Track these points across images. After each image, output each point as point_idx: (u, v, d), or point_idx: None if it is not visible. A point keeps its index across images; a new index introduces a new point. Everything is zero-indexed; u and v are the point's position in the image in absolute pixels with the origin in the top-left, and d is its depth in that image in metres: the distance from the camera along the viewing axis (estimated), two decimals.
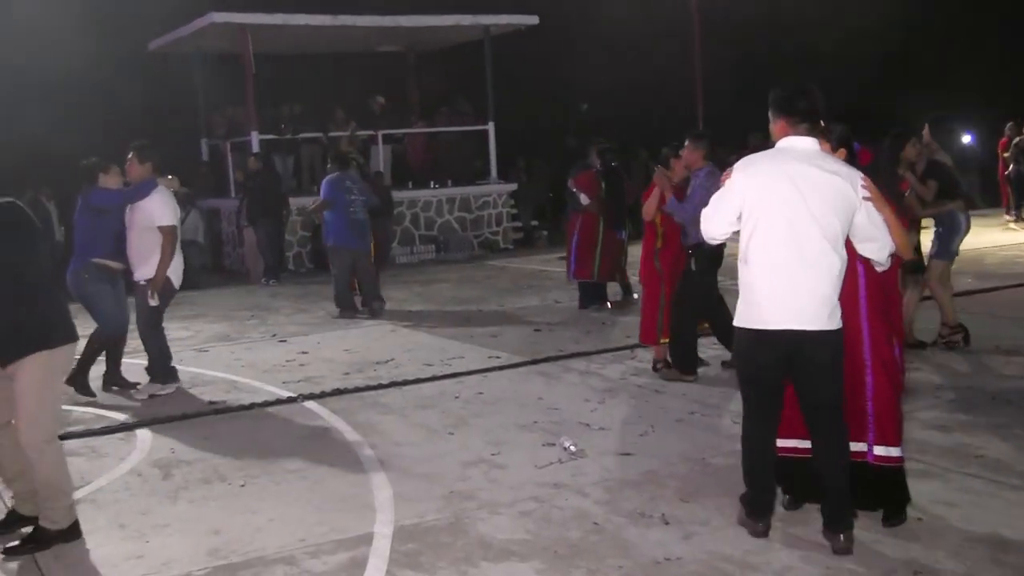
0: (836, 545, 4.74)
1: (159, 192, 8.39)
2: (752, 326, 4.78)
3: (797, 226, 4.65)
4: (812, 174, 4.70)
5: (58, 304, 5.46)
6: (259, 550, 5.09)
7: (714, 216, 4.92)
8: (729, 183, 4.86)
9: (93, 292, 8.48)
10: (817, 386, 4.81)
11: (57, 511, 5.27)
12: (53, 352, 5.25)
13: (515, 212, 20.95)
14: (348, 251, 12.35)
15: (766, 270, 4.71)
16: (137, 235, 8.44)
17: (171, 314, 13.22)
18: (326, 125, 19.20)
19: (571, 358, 9.32)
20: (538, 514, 5.42)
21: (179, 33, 18.92)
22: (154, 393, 8.58)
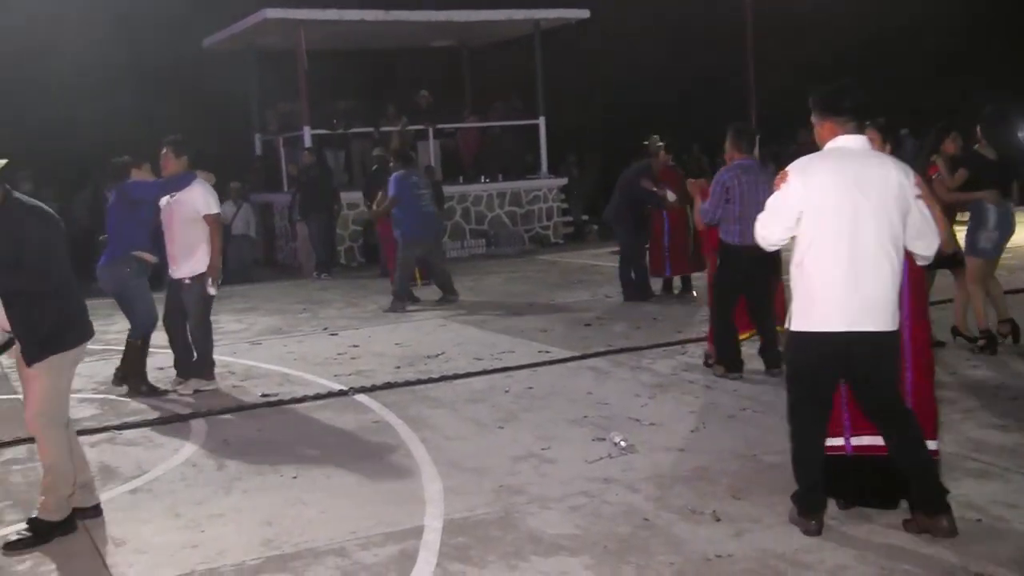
0: (939, 529, 4.69)
1: (199, 183, 8.39)
2: (813, 329, 4.73)
3: (859, 227, 4.61)
4: (870, 173, 4.66)
5: (78, 303, 5.50)
6: (310, 541, 5.13)
7: (771, 221, 4.86)
8: (785, 187, 4.79)
9: (136, 285, 8.46)
10: (880, 386, 4.81)
11: (56, 501, 5.29)
12: (66, 353, 5.34)
13: (566, 207, 20.91)
14: (421, 244, 12.64)
15: (828, 273, 4.66)
16: (180, 229, 8.40)
17: (224, 307, 13.44)
18: (377, 120, 19.29)
19: (621, 353, 9.29)
20: (588, 509, 5.42)
21: (233, 30, 19.09)
22: (199, 388, 8.59)
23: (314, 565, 4.85)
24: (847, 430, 5.11)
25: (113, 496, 5.99)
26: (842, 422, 5.10)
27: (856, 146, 4.77)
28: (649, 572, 4.59)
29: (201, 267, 8.42)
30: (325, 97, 19.52)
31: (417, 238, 12.56)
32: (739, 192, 7.92)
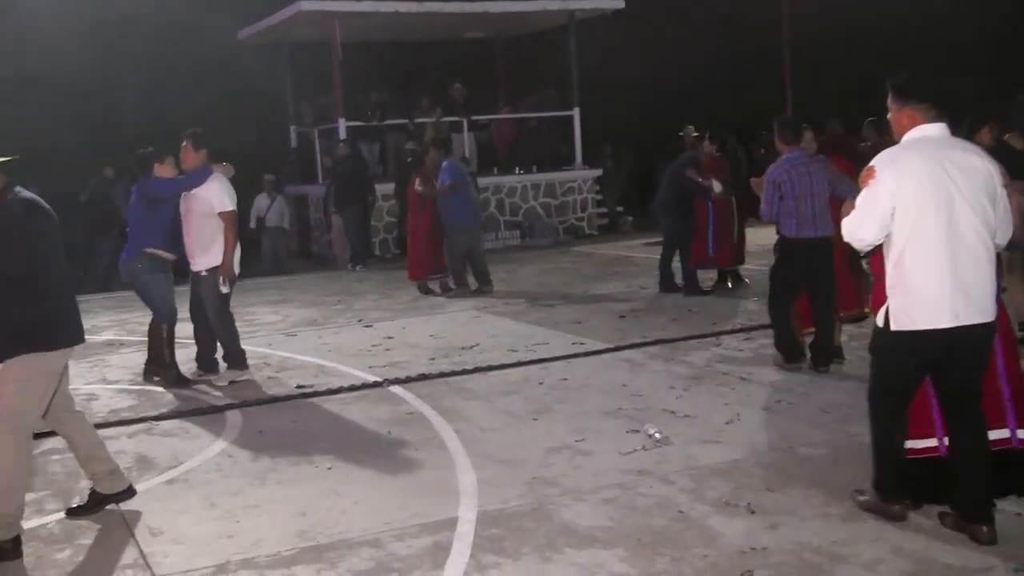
0: (981, 537, 4.62)
1: (216, 179, 8.37)
2: (918, 328, 4.58)
3: (955, 218, 4.50)
4: (962, 162, 4.55)
5: (67, 305, 5.30)
6: (345, 532, 5.15)
7: (865, 220, 4.63)
8: (875, 183, 4.58)
9: (148, 281, 8.48)
10: (969, 375, 4.75)
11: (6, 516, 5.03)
12: (46, 355, 5.13)
13: (600, 198, 20.86)
14: (470, 231, 12.99)
15: (931, 269, 4.52)
16: (196, 223, 8.41)
17: (259, 298, 13.56)
18: (412, 112, 19.33)
19: (656, 344, 9.26)
20: (622, 501, 5.40)
21: (268, 22, 19.17)
22: (233, 379, 8.64)
23: (349, 556, 4.86)
24: (939, 430, 5.00)
25: (150, 487, 6.04)
26: (933, 422, 5.00)
27: (939, 134, 4.64)
28: (683, 565, 4.57)
29: (217, 260, 8.39)
30: (359, 89, 19.58)
31: (467, 226, 12.89)
32: (790, 186, 7.84)
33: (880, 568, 4.44)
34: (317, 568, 4.74)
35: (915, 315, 4.59)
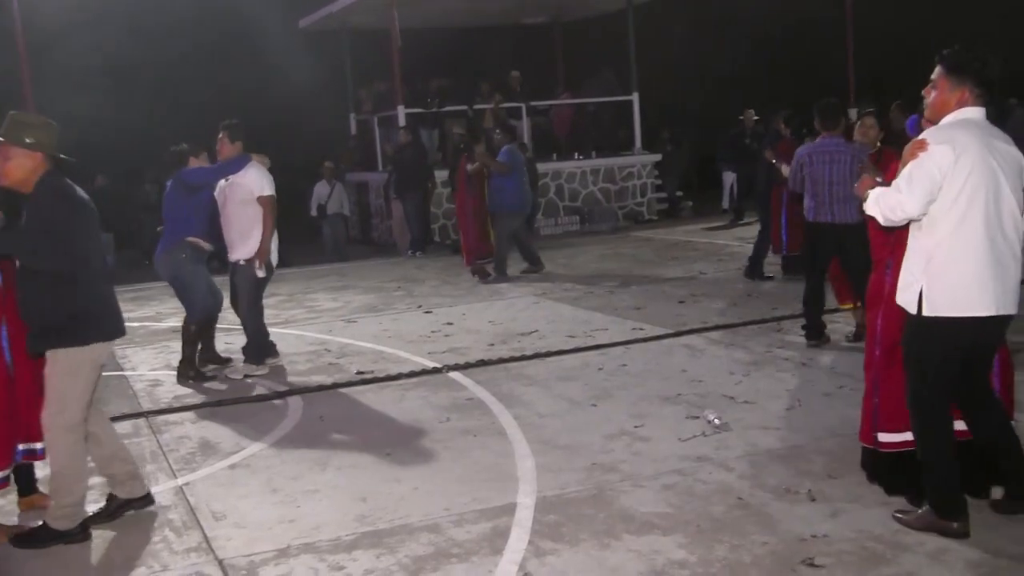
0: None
1: (254, 166, 8.33)
2: (960, 315, 4.41)
3: (1002, 206, 4.38)
4: (1003, 149, 4.43)
5: (106, 298, 5.29)
6: (404, 518, 5.18)
7: (915, 194, 4.37)
8: (928, 156, 4.37)
9: (192, 271, 8.44)
10: (987, 367, 4.72)
11: (62, 509, 5.11)
12: (90, 348, 5.12)
13: (659, 183, 20.73)
14: (520, 216, 13.33)
15: (976, 255, 4.37)
16: (235, 211, 8.36)
17: (320, 285, 13.68)
18: (471, 98, 19.33)
19: (716, 330, 9.19)
20: (681, 487, 5.37)
21: (328, 10, 19.30)
22: (249, 373, 8.57)
23: (408, 541, 4.89)
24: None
25: (213, 471, 6.13)
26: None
27: (982, 118, 4.49)
28: (743, 552, 4.54)
29: (255, 250, 8.34)
30: (418, 76, 19.63)
31: (517, 210, 13.18)
32: (810, 169, 8.06)
33: (946, 558, 4.37)
34: (377, 553, 4.78)
35: (958, 301, 4.40)
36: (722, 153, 19.05)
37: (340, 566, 4.66)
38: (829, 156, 7.99)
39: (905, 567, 4.32)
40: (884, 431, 4.94)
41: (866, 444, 5.12)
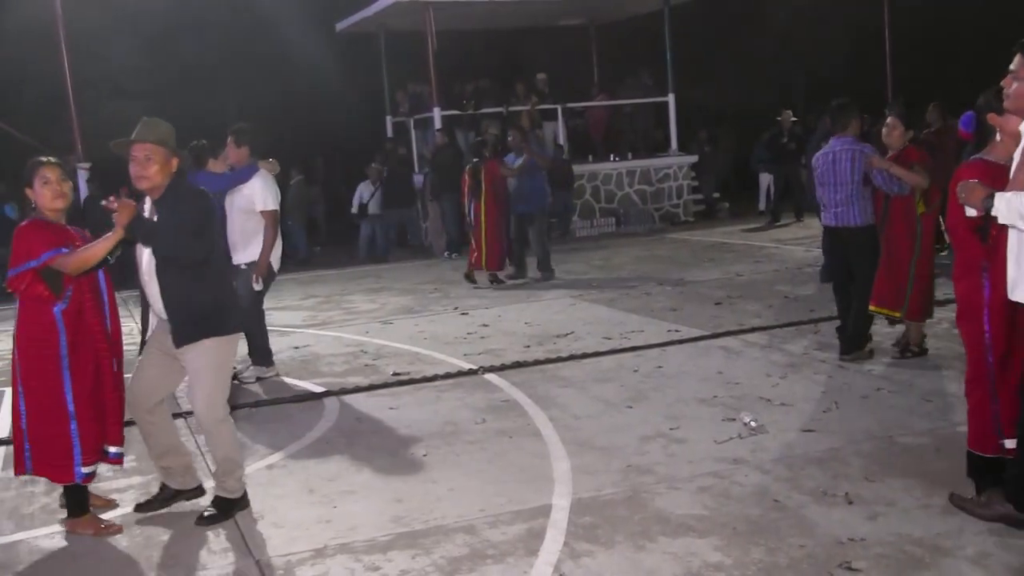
0: None
1: (260, 176, 8.22)
2: None
3: None
4: None
5: (231, 291, 5.68)
6: (440, 519, 5.20)
7: None
8: None
9: None
10: None
11: (233, 482, 5.47)
12: (223, 339, 5.37)
13: (696, 184, 20.65)
14: (546, 217, 13.60)
15: None
16: (238, 218, 8.27)
17: (357, 287, 13.74)
18: (507, 99, 19.35)
19: (752, 332, 9.15)
20: (717, 490, 5.35)
21: (364, 13, 19.37)
22: (260, 376, 8.55)
23: (443, 542, 4.91)
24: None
25: (250, 472, 6.15)
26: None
27: None
28: (779, 555, 4.51)
29: (255, 256, 8.23)
30: (454, 77, 19.67)
31: (546, 211, 13.61)
32: (819, 174, 8.05)
33: (987, 563, 4.32)
34: (412, 554, 4.79)
35: None
36: (759, 154, 18.96)
37: (376, 566, 4.68)
38: (833, 158, 7.91)
39: (945, 572, 4.27)
40: (1009, 437, 4.73)
41: (986, 453, 4.83)
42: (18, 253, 5.12)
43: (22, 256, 5.11)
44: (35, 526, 5.52)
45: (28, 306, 5.16)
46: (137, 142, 5.27)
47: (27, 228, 5.17)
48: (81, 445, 5.17)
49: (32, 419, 5.15)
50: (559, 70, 20.66)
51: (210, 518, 5.39)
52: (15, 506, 5.85)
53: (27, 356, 5.15)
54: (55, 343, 5.13)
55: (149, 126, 5.33)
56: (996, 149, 4.77)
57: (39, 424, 5.15)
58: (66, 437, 5.15)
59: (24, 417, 5.16)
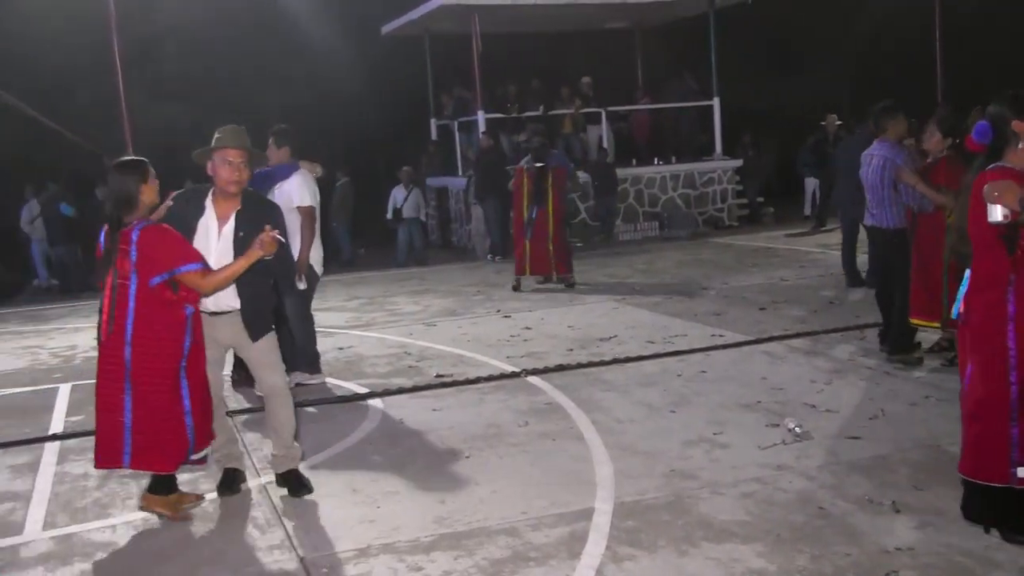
0: None
1: (299, 174, 8.17)
2: None
3: None
4: None
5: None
6: (482, 520, 5.22)
7: None
8: None
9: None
10: None
11: (298, 449, 5.94)
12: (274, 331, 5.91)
13: (740, 188, 20.55)
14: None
15: None
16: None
17: (400, 289, 13.81)
18: (552, 103, 19.35)
19: (797, 337, 9.09)
20: (761, 496, 5.33)
21: (409, 17, 19.46)
22: (301, 382, 8.46)
23: (486, 544, 4.92)
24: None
25: None
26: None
27: None
28: (824, 562, 4.48)
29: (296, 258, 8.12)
30: (497, 81, 19.71)
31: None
32: (860, 175, 8.24)
33: None
34: (455, 555, 4.81)
35: None
36: (804, 158, 18.83)
37: (419, 567, 4.71)
38: (868, 160, 8.07)
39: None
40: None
41: (992, 482, 4.60)
42: (164, 258, 5.25)
43: (171, 261, 5.25)
44: (87, 520, 5.61)
45: (159, 308, 5.29)
46: (235, 147, 5.58)
47: (169, 234, 5.31)
48: (195, 440, 5.43)
49: (142, 414, 5.30)
50: (603, 74, 20.64)
51: (300, 487, 5.80)
52: (68, 500, 5.95)
53: (150, 354, 5.28)
54: (182, 343, 5.35)
55: (239, 133, 5.64)
56: (1018, 156, 4.65)
57: (152, 419, 5.31)
58: (182, 433, 5.38)
59: (129, 412, 5.30)
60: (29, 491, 6.15)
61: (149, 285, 5.22)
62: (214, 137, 5.70)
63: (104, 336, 5.30)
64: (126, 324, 5.26)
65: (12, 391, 9.09)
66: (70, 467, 6.61)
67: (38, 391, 8.99)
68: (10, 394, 8.98)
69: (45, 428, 7.62)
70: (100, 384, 5.33)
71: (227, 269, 5.38)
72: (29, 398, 8.76)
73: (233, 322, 5.67)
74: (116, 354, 5.26)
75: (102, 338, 5.32)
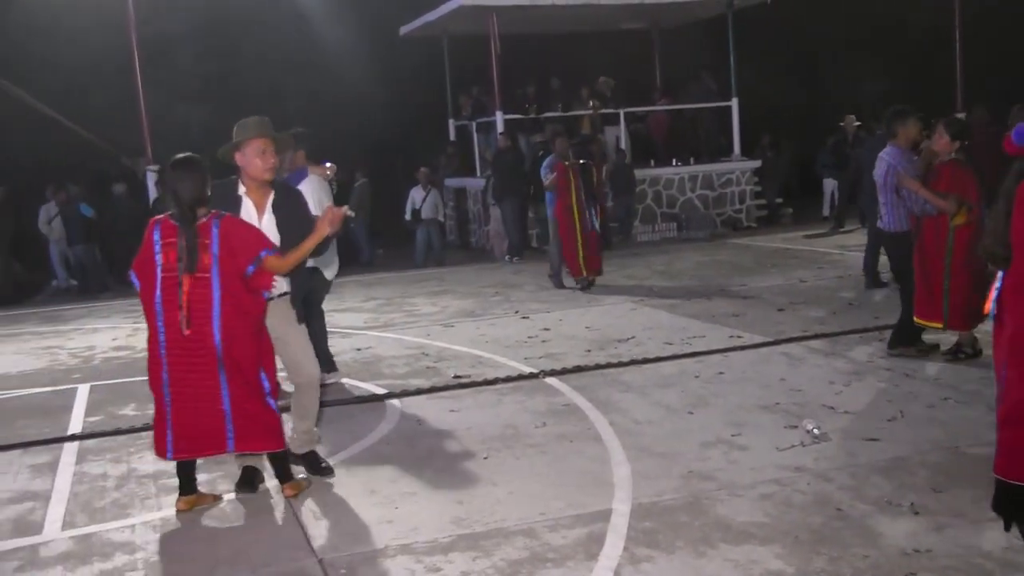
0: None
1: (307, 181, 7.98)
2: None
3: None
4: None
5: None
6: (500, 521, 5.22)
7: None
8: None
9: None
10: None
11: (316, 433, 6.31)
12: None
13: (759, 190, 20.49)
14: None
15: None
16: None
17: (418, 290, 13.82)
18: (570, 104, 19.34)
19: (816, 339, 9.06)
20: (779, 497, 5.31)
21: (427, 18, 19.49)
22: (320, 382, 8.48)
23: (504, 545, 4.92)
24: None
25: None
26: None
27: None
28: (842, 564, 4.47)
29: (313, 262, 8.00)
30: (515, 82, 19.72)
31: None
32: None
33: None
34: (473, 556, 4.82)
35: None
36: (823, 159, 18.78)
37: (436, 567, 4.71)
38: (877, 163, 8.17)
39: None
40: None
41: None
42: (249, 246, 5.45)
43: (256, 247, 5.46)
44: (106, 520, 5.64)
45: (243, 296, 5.46)
46: (265, 136, 5.80)
47: (244, 223, 5.59)
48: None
49: (240, 399, 5.47)
50: (621, 74, 20.61)
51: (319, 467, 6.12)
52: (87, 500, 5.98)
53: (245, 339, 5.47)
54: (264, 326, 5.63)
55: (263, 122, 5.84)
56: None
57: (248, 402, 5.50)
58: (272, 410, 5.61)
59: (228, 400, 5.44)
60: (48, 491, 6.19)
61: (245, 274, 5.41)
62: (235, 131, 5.81)
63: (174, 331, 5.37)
64: (212, 316, 5.38)
65: (31, 391, 9.15)
66: (89, 467, 6.65)
67: (57, 391, 9.05)
68: (29, 394, 9.04)
69: (64, 428, 7.67)
70: (186, 377, 5.41)
71: (299, 249, 5.65)
72: (48, 398, 8.82)
73: (281, 306, 5.88)
74: (205, 344, 5.37)
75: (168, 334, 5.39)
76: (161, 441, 5.54)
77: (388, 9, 21.10)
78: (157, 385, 5.49)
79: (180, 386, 5.43)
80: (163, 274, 5.40)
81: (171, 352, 5.40)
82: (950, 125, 7.71)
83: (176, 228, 5.39)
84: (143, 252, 5.47)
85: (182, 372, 5.41)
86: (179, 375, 5.42)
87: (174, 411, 5.46)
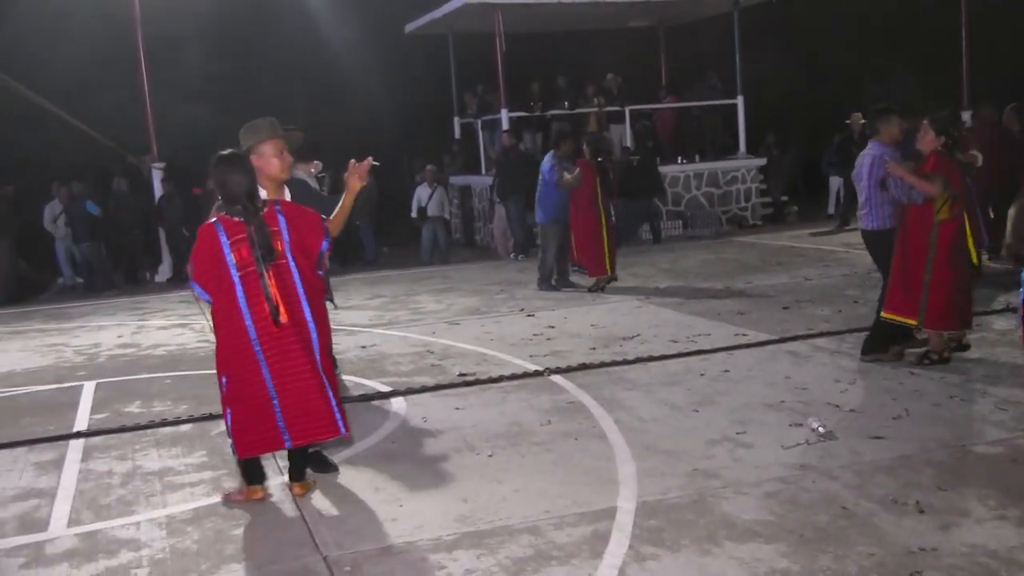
0: None
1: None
2: None
3: None
4: None
5: None
6: (505, 519, 5.21)
7: None
8: None
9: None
10: None
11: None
12: None
13: (764, 187, 20.47)
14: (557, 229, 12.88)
15: None
16: None
17: (424, 288, 13.82)
18: (575, 101, 19.33)
19: (821, 337, 9.04)
20: (784, 495, 5.30)
21: (433, 15, 19.49)
22: None
23: (508, 543, 4.92)
24: None
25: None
26: None
27: None
28: (847, 562, 4.46)
29: None
30: (521, 79, 19.71)
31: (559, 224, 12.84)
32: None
33: None
34: (477, 553, 4.82)
35: None
36: (829, 158, 18.76)
37: (441, 565, 4.71)
38: (860, 161, 8.10)
39: None
40: None
41: None
42: (315, 222, 5.54)
43: (319, 221, 5.56)
44: (112, 517, 5.64)
45: (315, 279, 5.57)
46: (279, 137, 5.92)
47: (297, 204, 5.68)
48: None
49: (331, 378, 5.57)
50: (627, 72, 20.60)
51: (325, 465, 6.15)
52: (93, 497, 5.99)
53: (322, 318, 5.57)
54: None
55: (275, 124, 5.89)
56: None
57: (334, 390, 5.60)
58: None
59: (329, 387, 5.53)
60: (54, 488, 6.20)
61: (321, 251, 5.51)
62: (244, 134, 5.81)
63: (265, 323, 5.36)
64: (299, 299, 5.44)
65: (37, 388, 9.16)
66: (94, 464, 6.66)
67: (63, 389, 9.07)
68: (35, 391, 9.05)
69: (70, 425, 7.69)
70: (284, 365, 5.41)
71: (342, 208, 5.81)
72: (54, 395, 8.83)
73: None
74: (299, 328, 5.42)
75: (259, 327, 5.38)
76: (270, 435, 5.50)
77: (393, 7, 21.10)
78: (253, 386, 5.43)
79: (283, 376, 5.41)
80: (240, 272, 5.35)
81: (265, 344, 5.39)
82: (934, 122, 7.69)
83: (240, 224, 5.36)
84: (209, 258, 5.39)
85: (279, 361, 5.40)
86: (278, 366, 5.40)
87: (282, 402, 5.44)
